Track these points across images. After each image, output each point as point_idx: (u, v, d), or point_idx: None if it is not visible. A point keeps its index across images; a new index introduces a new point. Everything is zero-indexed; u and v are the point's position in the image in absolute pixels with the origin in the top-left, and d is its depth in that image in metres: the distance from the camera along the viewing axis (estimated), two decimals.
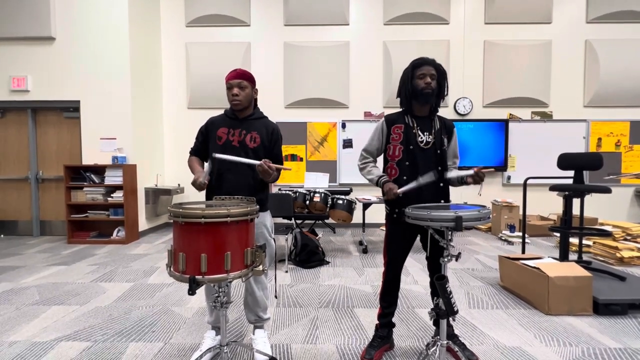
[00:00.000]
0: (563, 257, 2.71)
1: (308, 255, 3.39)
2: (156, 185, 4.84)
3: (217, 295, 1.32)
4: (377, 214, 4.79)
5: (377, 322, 1.80)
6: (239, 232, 1.21)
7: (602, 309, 2.16)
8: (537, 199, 4.92)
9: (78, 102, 4.39)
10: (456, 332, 1.84)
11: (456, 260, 1.26)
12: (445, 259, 1.27)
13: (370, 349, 1.70)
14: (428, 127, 1.60)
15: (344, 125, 5.23)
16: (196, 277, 1.12)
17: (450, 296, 1.18)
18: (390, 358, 1.72)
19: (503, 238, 4.38)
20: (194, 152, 1.79)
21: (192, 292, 1.10)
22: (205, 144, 1.75)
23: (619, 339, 1.89)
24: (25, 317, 2.21)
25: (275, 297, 1.76)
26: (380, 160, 1.74)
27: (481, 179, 1.40)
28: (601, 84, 5.00)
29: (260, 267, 1.26)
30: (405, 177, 1.59)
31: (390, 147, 1.66)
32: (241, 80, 1.62)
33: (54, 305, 2.39)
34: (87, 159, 4.40)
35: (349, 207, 3.29)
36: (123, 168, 4.19)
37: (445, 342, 1.29)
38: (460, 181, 1.53)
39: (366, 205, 3.87)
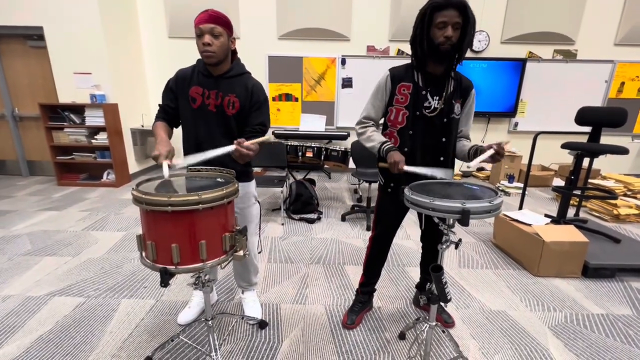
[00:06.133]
0: (560, 216, 2.66)
1: (302, 205, 3.35)
2: (142, 126, 4.56)
3: (196, 275, 1.25)
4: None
5: (357, 287, 1.78)
6: (214, 218, 1.07)
7: (591, 272, 2.17)
8: (541, 147, 4.72)
9: (41, 28, 3.85)
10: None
11: (456, 248, 1.15)
12: (444, 246, 1.16)
13: (352, 314, 1.71)
14: (440, 89, 1.30)
15: (343, 62, 4.72)
16: (168, 267, 1.02)
17: (446, 286, 1.11)
18: (377, 320, 1.76)
19: (500, 188, 4.32)
20: (161, 115, 1.43)
21: (164, 284, 1.01)
22: (176, 103, 1.42)
23: (602, 304, 1.93)
24: (18, 268, 2.22)
25: (259, 252, 1.70)
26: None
27: (501, 157, 1.19)
28: None
29: (241, 252, 1.15)
30: (406, 149, 1.37)
31: (392, 110, 1.38)
32: (214, 26, 1.24)
33: (46, 256, 2.39)
34: (63, 97, 4.04)
35: (344, 158, 3.13)
36: (103, 108, 3.87)
37: (434, 323, 1.27)
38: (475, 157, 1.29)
39: None
